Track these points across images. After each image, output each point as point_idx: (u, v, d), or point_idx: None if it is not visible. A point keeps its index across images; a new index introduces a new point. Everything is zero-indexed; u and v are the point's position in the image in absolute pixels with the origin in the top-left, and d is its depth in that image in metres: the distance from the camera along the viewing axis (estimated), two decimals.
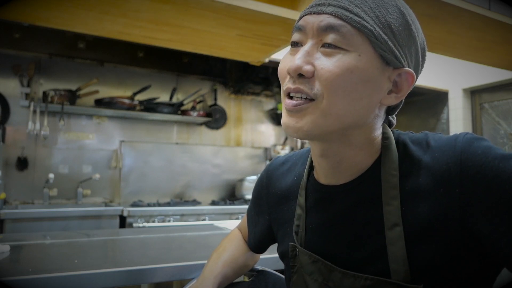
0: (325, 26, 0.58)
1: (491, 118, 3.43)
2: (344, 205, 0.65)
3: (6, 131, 3.00)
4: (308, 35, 0.61)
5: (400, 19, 0.61)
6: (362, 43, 0.58)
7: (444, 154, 0.58)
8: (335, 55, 0.58)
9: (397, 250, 0.57)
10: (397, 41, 0.60)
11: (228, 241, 0.96)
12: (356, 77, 0.58)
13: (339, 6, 0.58)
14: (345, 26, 0.58)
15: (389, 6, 0.60)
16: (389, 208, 0.60)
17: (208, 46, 2.18)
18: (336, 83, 0.57)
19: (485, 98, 3.48)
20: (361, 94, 0.59)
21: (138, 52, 3.50)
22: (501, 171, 0.53)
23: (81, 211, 2.67)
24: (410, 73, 0.62)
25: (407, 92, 0.63)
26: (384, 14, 0.59)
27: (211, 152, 3.76)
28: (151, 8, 1.67)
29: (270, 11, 1.70)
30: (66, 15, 1.75)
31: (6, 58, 3.04)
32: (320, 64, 0.58)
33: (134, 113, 3.33)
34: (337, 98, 0.58)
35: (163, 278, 0.99)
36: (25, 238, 1.39)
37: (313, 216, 0.70)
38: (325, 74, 0.57)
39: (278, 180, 0.83)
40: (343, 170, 0.65)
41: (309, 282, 0.68)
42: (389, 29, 0.59)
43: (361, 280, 0.60)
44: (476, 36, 2.17)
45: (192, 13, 1.71)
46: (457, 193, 0.55)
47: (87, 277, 0.89)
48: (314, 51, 0.59)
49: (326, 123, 0.59)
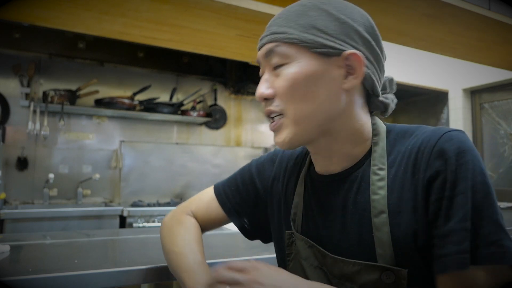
0: (266, 53, 0.69)
1: (491, 118, 3.43)
2: (336, 193, 0.70)
3: (6, 131, 3.00)
4: (263, 67, 0.71)
5: (323, 16, 0.67)
6: (297, 51, 0.66)
7: (422, 144, 0.63)
8: (282, 72, 0.67)
9: (383, 235, 0.62)
10: (328, 34, 0.65)
11: (187, 231, 0.88)
12: (304, 80, 0.65)
13: (271, 33, 0.69)
14: (278, 45, 0.67)
15: (310, 11, 0.67)
16: (376, 197, 0.64)
17: (208, 46, 2.18)
18: (290, 93, 0.66)
19: (485, 98, 3.48)
20: (317, 91, 0.66)
21: (138, 52, 3.50)
22: (461, 176, 0.57)
23: (81, 211, 2.67)
24: (353, 53, 0.66)
25: (362, 70, 0.66)
26: (306, 19, 0.67)
27: (211, 152, 3.76)
28: (151, 8, 1.67)
29: (270, 11, 1.70)
30: (66, 15, 1.75)
31: (6, 58, 3.04)
32: (276, 84, 0.68)
33: (134, 113, 3.33)
34: (298, 105, 0.66)
35: (163, 278, 0.99)
36: (25, 238, 1.39)
37: (309, 204, 0.75)
38: (280, 90, 0.67)
39: (283, 169, 0.85)
40: (335, 162, 0.71)
41: (305, 266, 0.72)
42: (314, 29, 0.66)
43: (349, 265, 0.64)
44: (476, 36, 2.17)
45: (192, 13, 1.72)
46: (422, 178, 0.61)
47: (87, 277, 0.89)
48: (271, 77, 0.69)
49: (301, 129, 0.67)
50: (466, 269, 0.54)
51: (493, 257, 0.54)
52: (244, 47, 2.16)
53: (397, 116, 4.21)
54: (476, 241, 0.55)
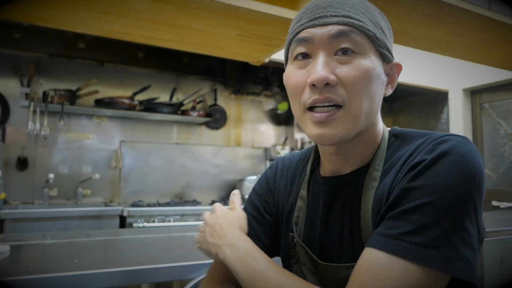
0: (336, 33, 0.62)
1: (491, 118, 3.43)
2: (337, 196, 0.70)
3: (6, 131, 3.00)
4: (317, 46, 0.63)
5: (381, 18, 0.67)
6: (369, 45, 0.63)
7: (418, 147, 0.61)
8: (352, 61, 0.62)
9: (369, 233, 0.62)
10: (387, 38, 0.66)
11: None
12: (371, 78, 0.63)
13: (343, 16, 0.62)
14: (353, 31, 0.62)
15: (372, 9, 0.67)
16: (365, 197, 0.64)
17: (208, 46, 2.18)
18: (359, 86, 0.62)
19: (485, 98, 3.48)
20: (376, 92, 0.64)
21: (138, 52, 3.50)
22: (429, 173, 0.56)
23: (81, 211, 2.67)
24: (399, 65, 0.69)
25: (396, 81, 0.70)
26: (373, 16, 0.65)
27: (211, 152, 3.76)
28: (151, 8, 1.67)
29: (270, 11, 1.70)
30: (66, 15, 1.75)
31: (6, 58, 3.04)
32: (342, 72, 0.62)
33: (134, 113, 3.33)
34: (361, 101, 0.62)
35: (163, 278, 0.99)
36: (25, 238, 1.39)
37: (312, 208, 0.74)
38: (349, 80, 0.61)
39: (285, 176, 0.85)
40: (350, 163, 0.70)
41: (305, 272, 0.72)
42: (380, 29, 0.65)
43: (343, 269, 0.64)
44: (476, 36, 2.17)
45: (192, 13, 1.72)
46: (398, 175, 0.61)
47: (87, 277, 0.89)
48: (330, 61, 0.62)
49: (356, 126, 0.64)
50: (383, 252, 0.53)
51: (418, 256, 0.52)
52: (244, 47, 2.15)
53: (397, 116, 4.21)
54: (413, 236, 0.53)
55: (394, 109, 4.24)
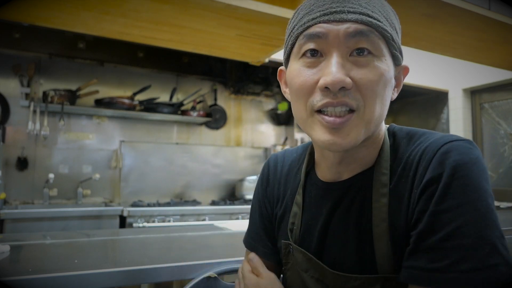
0: (354, 32, 0.57)
1: (491, 118, 3.43)
2: (340, 201, 0.66)
3: (6, 131, 3.00)
4: (331, 44, 0.58)
5: (394, 17, 0.63)
6: (385, 47, 0.59)
7: (424, 153, 0.58)
8: (369, 63, 0.57)
9: (383, 245, 0.58)
10: (399, 39, 0.63)
11: None
12: (386, 82, 0.59)
13: (361, 13, 0.57)
14: (372, 31, 0.57)
15: (386, 7, 0.62)
16: (378, 205, 0.60)
17: (208, 46, 2.18)
18: (375, 90, 0.58)
19: (485, 98, 3.48)
20: (387, 96, 0.61)
21: (138, 52, 3.50)
22: (451, 192, 0.53)
23: (81, 211, 2.67)
24: (406, 67, 0.66)
25: (402, 85, 0.67)
26: (388, 15, 0.61)
27: (211, 152, 3.76)
28: (151, 8, 1.67)
29: (270, 11, 1.70)
30: (66, 15, 1.75)
31: (6, 58, 3.04)
32: (358, 74, 0.57)
33: (134, 113, 3.33)
34: (375, 105, 0.58)
35: (163, 278, 0.99)
36: (25, 238, 1.39)
37: (309, 213, 0.71)
38: (366, 84, 0.57)
39: (279, 178, 0.82)
40: (352, 168, 0.66)
41: (305, 278, 0.69)
42: (395, 30, 0.62)
43: (351, 280, 0.61)
44: (476, 36, 2.17)
45: (192, 13, 1.72)
46: (417, 187, 0.57)
47: (87, 277, 0.89)
48: (345, 62, 0.57)
49: (367, 132, 0.60)
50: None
51: (474, 280, 0.49)
52: (244, 47, 2.15)
53: (397, 116, 4.21)
54: (463, 263, 0.50)
55: (394, 109, 4.24)
